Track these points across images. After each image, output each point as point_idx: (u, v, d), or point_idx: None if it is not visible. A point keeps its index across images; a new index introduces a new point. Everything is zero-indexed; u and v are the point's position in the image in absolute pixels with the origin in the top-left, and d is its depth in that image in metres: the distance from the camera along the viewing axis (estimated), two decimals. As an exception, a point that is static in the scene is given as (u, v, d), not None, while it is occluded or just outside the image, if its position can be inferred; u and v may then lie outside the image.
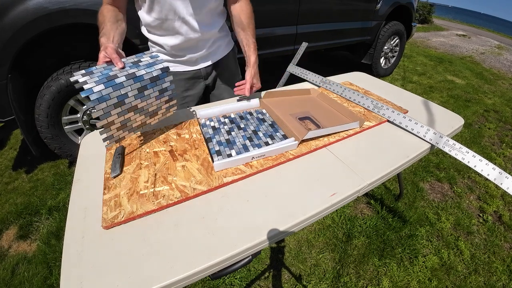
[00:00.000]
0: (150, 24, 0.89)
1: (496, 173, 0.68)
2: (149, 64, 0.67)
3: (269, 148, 0.72)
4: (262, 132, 0.83)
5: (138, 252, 0.49)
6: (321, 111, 0.96)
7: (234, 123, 0.86)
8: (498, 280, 1.27)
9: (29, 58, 1.51)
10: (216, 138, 0.79)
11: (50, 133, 1.56)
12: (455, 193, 1.79)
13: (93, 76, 0.59)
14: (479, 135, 2.47)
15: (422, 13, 9.48)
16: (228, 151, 0.74)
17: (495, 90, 3.70)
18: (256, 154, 0.70)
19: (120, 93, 0.61)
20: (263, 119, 0.90)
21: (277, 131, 0.83)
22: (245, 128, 0.84)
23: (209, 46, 0.99)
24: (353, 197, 0.66)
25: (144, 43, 1.52)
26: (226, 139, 0.78)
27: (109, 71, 0.61)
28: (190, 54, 0.97)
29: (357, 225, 1.47)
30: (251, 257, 0.54)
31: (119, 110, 0.63)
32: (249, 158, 0.69)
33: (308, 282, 1.21)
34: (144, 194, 0.59)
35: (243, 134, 0.81)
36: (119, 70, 0.63)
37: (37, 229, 1.41)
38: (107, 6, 0.79)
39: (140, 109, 0.68)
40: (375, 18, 2.95)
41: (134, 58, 0.68)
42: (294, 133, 0.78)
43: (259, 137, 0.80)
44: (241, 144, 0.76)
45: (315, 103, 1.02)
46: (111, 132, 0.65)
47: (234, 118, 0.89)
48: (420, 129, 0.84)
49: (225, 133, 0.81)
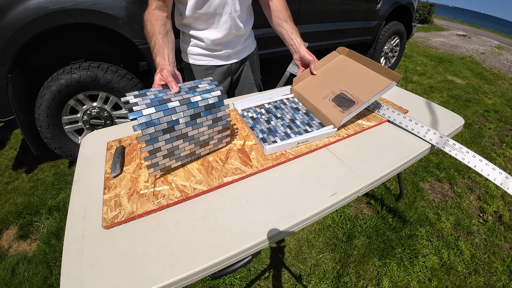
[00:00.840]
0: (195, 18, 0.90)
1: (496, 173, 0.68)
2: (205, 91, 0.63)
3: (311, 134, 0.77)
4: (299, 120, 0.87)
5: (138, 252, 0.49)
6: (354, 78, 0.90)
7: (270, 113, 0.90)
8: (498, 280, 1.27)
9: (29, 57, 1.51)
10: (257, 127, 0.83)
11: (50, 133, 1.56)
12: (455, 193, 1.79)
13: (145, 98, 0.57)
14: (479, 135, 2.47)
15: (422, 13, 9.47)
16: (272, 138, 0.78)
17: (495, 90, 3.70)
18: (301, 140, 0.75)
19: (171, 118, 0.57)
20: (297, 108, 0.93)
21: (313, 119, 0.87)
22: (282, 117, 0.88)
23: (242, 42, 1.04)
24: (353, 197, 0.66)
25: (144, 43, 1.53)
26: (267, 128, 0.82)
27: (164, 94, 0.59)
28: (226, 49, 1.01)
29: (357, 225, 1.47)
30: (251, 257, 0.54)
31: (167, 136, 0.58)
32: (295, 143, 0.75)
33: (308, 282, 1.21)
34: (144, 194, 0.59)
35: (282, 123, 0.85)
36: (174, 95, 0.60)
37: (37, 229, 1.41)
38: (155, 12, 0.79)
39: (190, 137, 0.63)
40: (375, 18, 2.95)
41: (192, 83, 0.66)
42: (331, 120, 0.81)
43: (297, 125, 0.84)
44: (283, 132, 0.81)
45: (348, 66, 0.96)
46: (157, 159, 0.60)
47: (269, 108, 0.93)
48: (420, 129, 0.84)
49: (265, 122, 0.85)
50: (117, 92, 1.59)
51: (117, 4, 1.40)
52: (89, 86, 1.52)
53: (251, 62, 1.16)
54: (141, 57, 1.64)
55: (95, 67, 1.50)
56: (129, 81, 1.60)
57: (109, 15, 1.39)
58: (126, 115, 1.72)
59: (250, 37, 1.11)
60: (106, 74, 1.52)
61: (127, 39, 1.49)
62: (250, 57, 1.14)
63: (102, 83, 1.53)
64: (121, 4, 1.41)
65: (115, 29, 1.43)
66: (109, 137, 0.79)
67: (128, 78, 1.60)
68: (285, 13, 1.01)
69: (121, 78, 1.57)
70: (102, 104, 1.65)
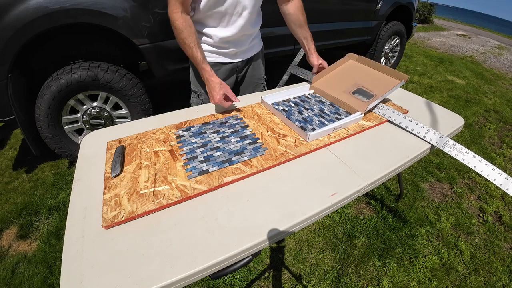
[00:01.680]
0: (207, 15, 0.93)
1: (496, 174, 0.68)
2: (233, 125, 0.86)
3: (343, 121, 0.85)
4: (327, 110, 0.96)
5: (138, 252, 0.49)
6: (368, 77, 1.03)
7: (299, 106, 0.99)
8: (498, 281, 1.27)
9: (29, 57, 1.51)
10: (292, 118, 0.90)
11: (50, 132, 1.56)
12: (455, 193, 1.79)
13: (189, 132, 0.82)
14: (479, 135, 2.47)
15: (423, 13, 9.46)
16: (310, 126, 0.86)
17: (495, 90, 3.70)
18: (336, 126, 0.84)
19: (205, 139, 0.79)
20: (321, 100, 1.03)
21: (339, 109, 0.96)
22: (311, 109, 0.97)
23: (249, 42, 1.08)
24: (353, 197, 0.66)
25: (144, 43, 1.53)
26: (302, 118, 0.91)
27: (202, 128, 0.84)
28: (233, 48, 1.04)
29: (357, 225, 1.47)
30: (251, 257, 0.54)
31: (202, 149, 0.75)
32: (331, 129, 0.83)
33: (308, 282, 1.21)
34: (144, 193, 0.59)
35: (313, 113, 0.94)
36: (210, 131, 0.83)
37: (37, 229, 1.41)
38: (183, 16, 0.85)
39: (222, 149, 0.76)
40: (376, 18, 2.95)
41: (223, 119, 0.89)
42: (355, 108, 0.90)
43: (327, 114, 0.93)
44: (317, 121, 0.89)
45: (359, 69, 1.09)
46: (194, 164, 0.70)
47: (296, 102, 1.02)
48: (420, 130, 0.84)
49: (297, 113, 0.94)
50: (117, 92, 1.59)
51: (117, 4, 1.40)
52: (89, 86, 1.52)
53: (256, 62, 1.18)
54: (141, 57, 1.64)
55: (95, 67, 1.50)
56: (129, 81, 1.60)
57: (109, 15, 1.39)
58: (125, 115, 1.72)
59: (257, 37, 1.14)
60: (106, 74, 1.52)
61: (127, 39, 1.49)
62: (256, 56, 1.16)
63: (102, 83, 1.53)
64: (121, 4, 1.41)
65: (115, 29, 1.43)
66: (109, 137, 0.79)
67: (128, 78, 1.59)
68: (301, 17, 1.06)
69: (121, 78, 1.57)
70: (102, 104, 1.65)
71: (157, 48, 1.58)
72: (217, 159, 0.71)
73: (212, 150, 0.75)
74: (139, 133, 0.81)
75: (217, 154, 0.73)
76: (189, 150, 0.74)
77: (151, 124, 0.87)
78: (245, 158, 0.71)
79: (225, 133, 0.82)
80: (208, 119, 0.89)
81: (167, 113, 0.95)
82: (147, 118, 0.92)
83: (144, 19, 1.48)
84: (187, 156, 0.72)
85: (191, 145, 0.76)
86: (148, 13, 1.48)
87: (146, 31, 1.51)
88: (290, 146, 0.77)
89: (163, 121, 0.88)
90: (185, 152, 0.73)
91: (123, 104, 1.68)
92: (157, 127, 0.84)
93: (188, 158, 0.71)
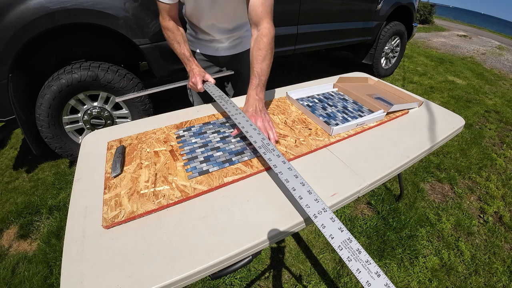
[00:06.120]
0: (190, 14, 1.04)
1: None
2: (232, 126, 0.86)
3: (366, 118, 0.87)
4: (351, 107, 0.99)
5: (138, 252, 0.49)
6: (386, 94, 1.11)
7: (322, 102, 1.03)
8: (498, 281, 1.26)
9: (30, 57, 1.51)
10: (317, 113, 0.94)
11: (50, 132, 1.56)
12: (455, 193, 1.79)
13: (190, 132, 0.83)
14: (480, 136, 2.47)
15: (423, 13, 9.46)
16: (333, 121, 0.89)
17: (496, 91, 3.69)
18: (359, 122, 0.86)
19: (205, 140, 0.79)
20: (344, 98, 1.07)
21: (362, 107, 0.99)
22: (335, 105, 1.00)
23: (230, 41, 1.12)
24: (354, 198, 0.66)
25: (144, 43, 1.53)
26: (326, 113, 0.94)
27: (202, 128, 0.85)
28: (215, 44, 1.12)
29: (358, 226, 1.47)
30: (251, 257, 0.54)
31: (203, 149, 0.76)
32: (355, 125, 0.85)
33: (308, 282, 1.21)
34: (145, 193, 0.59)
35: (337, 110, 0.97)
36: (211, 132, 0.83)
37: (37, 229, 1.41)
38: (171, 21, 0.96)
39: (223, 149, 0.76)
40: (376, 18, 2.94)
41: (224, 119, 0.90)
42: (379, 107, 0.94)
43: (351, 111, 0.96)
44: (341, 117, 0.92)
45: (378, 88, 1.18)
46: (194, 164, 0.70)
47: (320, 98, 1.06)
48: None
49: (321, 108, 0.97)
50: (118, 92, 1.59)
51: (118, 4, 1.40)
52: (90, 86, 1.53)
53: (244, 60, 1.17)
54: (142, 57, 1.65)
55: (96, 67, 1.50)
56: (129, 81, 1.60)
57: (110, 15, 1.39)
58: (126, 115, 1.72)
59: (244, 37, 1.15)
60: (107, 74, 1.52)
61: (128, 39, 1.49)
62: (243, 54, 1.18)
63: (103, 83, 1.53)
64: (122, 4, 1.41)
65: (116, 29, 1.44)
66: (110, 137, 0.79)
67: (128, 78, 1.60)
68: (254, 53, 0.86)
69: (121, 78, 1.57)
70: (102, 104, 1.65)
71: (157, 48, 1.58)
72: (218, 159, 0.71)
73: (212, 150, 0.75)
74: (139, 133, 0.81)
75: (218, 154, 0.73)
76: (189, 150, 0.74)
77: (151, 124, 0.87)
78: (245, 158, 0.71)
79: (225, 133, 0.82)
80: (209, 119, 0.89)
81: (167, 113, 0.95)
82: (147, 118, 0.92)
83: (145, 19, 1.49)
84: (187, 156, 0.72)
85: (192, 145, 0.77)
86: (149, 13, 1.49)
87: (147, 31, 1.51)
88: (290, 146, 0.77)
89: (163, 121, 0.88)
90: (185, 152, 0.74)
91: (124, 104, 1.68)
92: (157, 127, 0.84)
93: (189, 158, 0.72)
